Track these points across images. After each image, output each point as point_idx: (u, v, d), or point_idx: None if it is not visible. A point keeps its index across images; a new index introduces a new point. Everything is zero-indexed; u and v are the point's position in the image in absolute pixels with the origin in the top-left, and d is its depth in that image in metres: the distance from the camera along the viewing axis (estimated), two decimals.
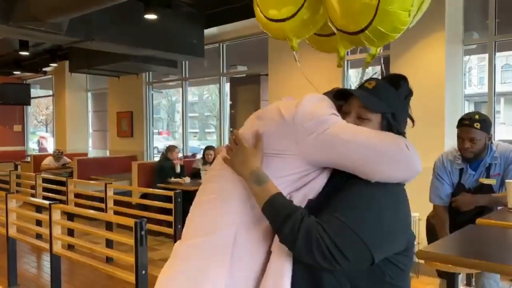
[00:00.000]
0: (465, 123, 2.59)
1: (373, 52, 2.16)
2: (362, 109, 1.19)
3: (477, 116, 2.59)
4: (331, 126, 1.15)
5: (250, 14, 6.15)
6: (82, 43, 5.47)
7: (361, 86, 1.24)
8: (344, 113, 1.23)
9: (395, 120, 1.20)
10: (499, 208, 2.65)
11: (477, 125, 2.55)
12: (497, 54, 4.65)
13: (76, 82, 9.75)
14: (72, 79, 9.44)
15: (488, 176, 2.65)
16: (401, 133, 1.23)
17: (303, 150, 1.15)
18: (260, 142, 1.19)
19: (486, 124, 2.58)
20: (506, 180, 2.52)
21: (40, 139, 13.17)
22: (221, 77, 7.29)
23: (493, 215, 2.48)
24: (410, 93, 1.25)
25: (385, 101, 1.19)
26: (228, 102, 8.15)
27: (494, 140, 2.80)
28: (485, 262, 1.67)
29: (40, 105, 13.44)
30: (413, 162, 1.15)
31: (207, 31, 6.45)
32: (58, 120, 10.17)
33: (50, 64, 8.34)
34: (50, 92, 10.84)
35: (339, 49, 2.33)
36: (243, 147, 1.19)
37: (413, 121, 1.30)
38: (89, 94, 10.23)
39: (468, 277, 3.60)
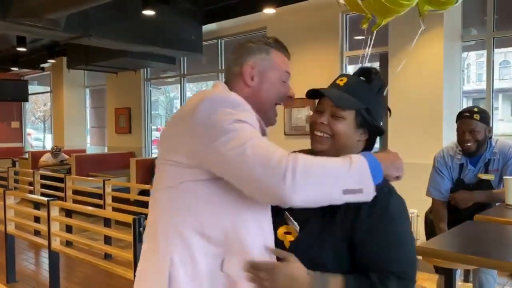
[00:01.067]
0: (465, 115, 2.63)
1: (378, 22, 2.13)
2: (334, 108, 1.18)
3: (476, 109, 2.65)
4: (228, 139, 1.03)
5: (249, 10, 6.15)
6: (80, 39, 5.45)
7: (333, 84, 1.24)
8: (318, 112, 1.22)
9: (369, 115, 1.19)
10: (497, 204, 2.66)
11: (476, 116, 2.58)
12: (496, 50, 4.65)
13: (74, 78, 9.71)
14: (70, 76, 9.41)
15: (486, 172, 2.66)
16: (378, 127, 1.22)
17: (199, 157, 1.07)
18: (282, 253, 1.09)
19: (485, 115, 2.62)
20: (504, 177, 2.52)
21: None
22: (220, 74, 7.27)
23: (491, 212, 2.49)
24: (382, 85, 1.23)
25: (358, 97, 1.18)
26: None
27: (493, 136, 2.82)
28: (483, 258, 1.67)
29: (38, 102, 13.39)
30: (275, 186, 0.97)
31: (206, 27, 6.43)
32: (56, 116, 10.15)
33: (48, 60, 8.31)
34: (48, 89, 10.81)
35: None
36: (272, 267, 1.06)
37: (390, 111, 1.31)
38: (87, 90, 10.20)
39: (466, 273, 3.61)
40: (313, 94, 1.23)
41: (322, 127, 1.19)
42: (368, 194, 1.03)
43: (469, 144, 2.61)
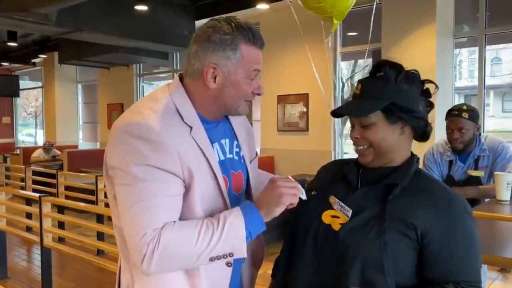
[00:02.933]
0: (453, 114, 2.64)
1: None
2: (359, 119, 1.14)
3: (465, 107, 2.65)
4: (123, 184, 1.04)
5: (242, 5, 6.13)
6: (72, 34, 5.41)
7: (352, 94, 1.19)
8: (352, 127, 1.18)
9: (398, 107, 1.11)
10: (487, 200, 2.69)
11: (465, 114, 2.60)
12: (487, 47, 4.68)
13: (65, 73, 9.64)
14: (61, 71, 9.34)
15: (476, 168, 2.68)
16: (415, 115, 1.13)
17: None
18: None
19: (474, 114, 2.63)
20: (495, 172, 2.55)
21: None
22: None
23: (482, 207, 2.52)
24: (399, 71, 1.15)
25: (376, 97, 1.12)
26: None
27: (483, 132, 2.84)
28: None
29: (29, 97, 13.28)
30: (134, 258, 1.03)
31: (199, 23, 6.40)
32: (48, 112, 10.07)
33: (39, 55, 8.25)
34: (40, 84, 10.73)
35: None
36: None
37: (436, 86, 1.23)
38: (79, 85, 10.13)
39: None
40: (335, 112, 1.20)
41: (359, 141, 1.15)
42: (238, 255, 1.04)
43: (457, 142, 2.63)
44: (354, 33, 6.13)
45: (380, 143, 1.13)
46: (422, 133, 1.18)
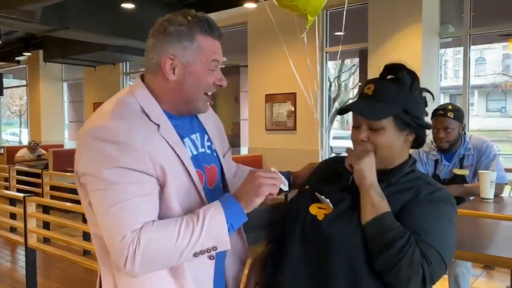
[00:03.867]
0: (439, 113, 2.68)
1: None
2: (370, 121, 1.12)
3: (450, 107, 2.69)
4: (96, 189, 1.03)
5: (229, 4, 6.11)
6: (57, 32, 5.34)
7: (361, 93, 1.17)
8: (355, 128, 1.16)
9: (409, 114, 1.12)
10: (471, 198, 2.73)
11: (450, 114, 2.64)
12: (472, 47, 4.75)
13: (51, 71, 9.51)
14: (46, 69, 9.21)
15: (461, 167, 2.72)
16: (422, 124, 1.16)
17: None
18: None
19: (459, 113, 2.67)
20: (479, 171, 2.59)
21: None
22: None
23: (466, 205, 2.55)
24: (414, 79, 1.15)
25: (391, 102, 1.11)
26: None
27: (467, 131, 2.88)
28: (457, 251, 1.71)
29: (14, 95, 13.09)
30: (117, 261, 1.04)
31: None
32: (33, 110, 9.93)
33: (24, 53, 8.12)
34: (24, 82, 10.56)
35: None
36: (372, 154, 1.11)
37: (433, 97, 1.23)
38: (65, 84, 10.00)
39: None
40: (343, 109, 1.18)
41: (364, 145, 1.13)
42: (222, 247, 1.05)
43: (443, 142, 2.67)
44: (341, 33, 6.16)
45: (385, 148, 1.13)
46: (421, 142, 1.20)
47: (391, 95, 1.12)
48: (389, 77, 1.16)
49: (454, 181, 2.72)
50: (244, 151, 7.15)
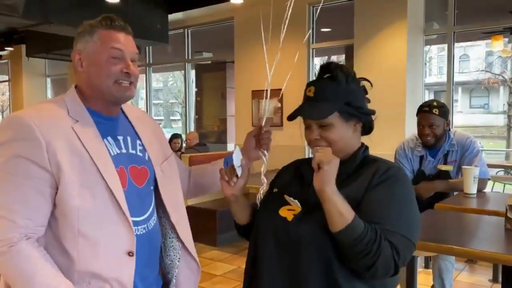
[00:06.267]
0: (424, 110, 2.70)
1: None
2: (318, 121, 1.19)
3: (435, 103, 2.71)
4: None
5: None
6: (40, 26, 5.24)
7: (305, 97, 1.24)
8: (307, 128, 1.23)
9: (352, 106, 1.19)
10: (455, 193, 2.77)
11: (435, 111, 2.66)
12: (456, 44, 4.80)
13: (34, 67, 9.34)
14: (29, 64, 9.04)
15: (445, 163, 2.76)
16: (366, 112, 1.23)
17: None
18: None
19: (444, 110, 2.70)
20: (463, 167, 2.63)
21: None
22: (186, 64, 7.18)
23: (450, 200, 2.59)
24: (349, 73, 1.22)
25: (331, 99, 1.18)
26: (194, 89, 8.05)
27: (452, 127, 2.92)
28: (441, 245, 1.74)
29: None
30: None
31: (172, 16, 6.31)
32: (15, 106, 9.74)
33: (5, 48, 7.96)
34: (6, 78, 10.36)
35: None
36: (336, 160, 1.11)
37: (371, 84, 1.29)
38: (48, 79, 9.84)
39: (426, 260, 3.75)
40: (292, 115, 1.24)
41: (318, 142, 1.20)
42: None
43: (428, 138, 2.69)
44: (328, 29, 6.18)
45: (338, 142, 1.20)
46: (369, 128, 1.27)
47: (331, 93, 1.19)
48: (325, 76, 1.22)
49: (438, 176, 2.76)
50: (231, 147, 7.14)
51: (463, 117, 18.07)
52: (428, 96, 12.61)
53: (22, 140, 1.10)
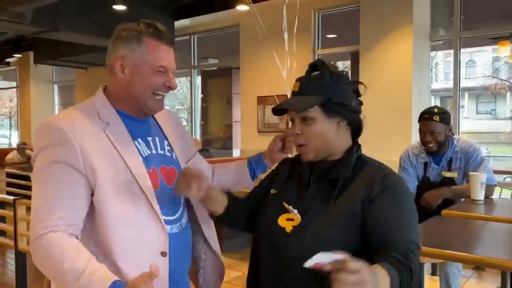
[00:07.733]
0: (425, 117, 2.68)
1: None
2: (300, 114, 1.20)
3: (436, 110, 2.68)
4: (35, 165, 1.16)
5: (222, 6, 6.11)
6: (47, 33, 5.30)
7: (292, 92, 1.26)
8: (292, 123, 1.24)
9: (334, 102, 1.19)
10: (462, 200, 2.75)
11: (436, 118, 2.64)
12: (462, 50, 4.79)
13: (41, 73, 9.43)
14: (37, 71, 9.13)
15: (449, 170, 2.73)
16: (350, 109, 1.22)
17: None
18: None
19: (445, 116, 2.67)
20: (470, 173, 2.60)
21: None
22: (192, 70, 7.21)
23: (457, 207, 2.57)
24: (335, 70, 1.23)
25: (314, 93, 1.19)
26: (199, 95, 8.08)
27: (457, 134, 2.90)
28: (448, 252, 1.73)
29: (3, 97, 12.96)
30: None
31: (178, 23, 6.36)
32: (23, 113, 9.83)
33: (14, 55, 8.05)
34: (14, 84, 10.46)
35: None
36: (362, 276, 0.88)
37: (364, 85, 1.28)
38: (56, 86, 9.93)
39: (434, 266, 3.72)
40: (279, 110, 1.26)
41: (299, 138, 1.21)
42: None
43: (430, 145, 2.68)
44: (333, 36, 6.19)
45: (319, 138, 1.19)
46: (357, 128, 1.26)
47: (314, 87, 1.21)
48: (313, 74, 1.24)
49: (443, 183, 2.74)
50: (236, 153, 7.15)
51: (470, 123, 17.96)
52: (435, 102, 12.55)
53: (58, 145, 1.12)
